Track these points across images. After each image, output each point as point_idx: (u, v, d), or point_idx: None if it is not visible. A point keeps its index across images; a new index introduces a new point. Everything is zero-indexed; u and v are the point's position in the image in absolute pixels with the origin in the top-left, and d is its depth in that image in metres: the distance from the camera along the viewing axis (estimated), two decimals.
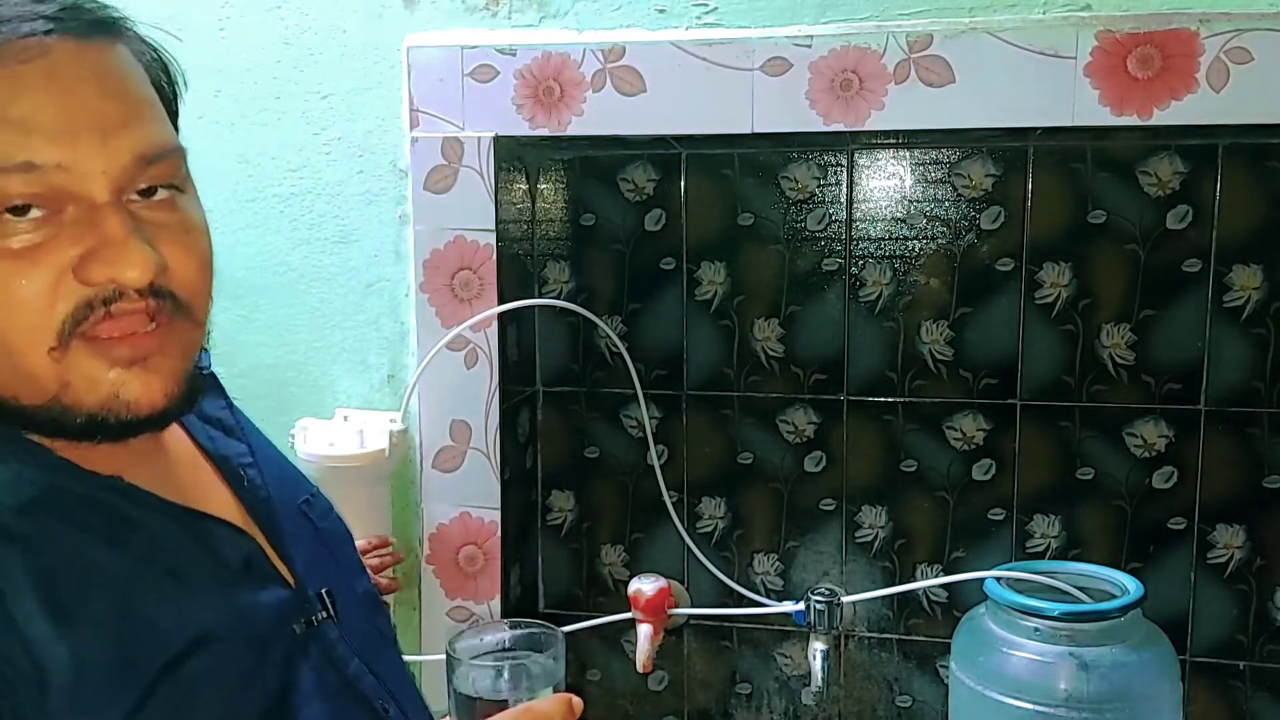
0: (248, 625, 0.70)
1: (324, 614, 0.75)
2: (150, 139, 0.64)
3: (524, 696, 0.71)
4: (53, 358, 0.61)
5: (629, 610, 1.28)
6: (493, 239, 1.26)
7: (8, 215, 0.59)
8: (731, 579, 1.33)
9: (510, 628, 0.74)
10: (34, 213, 0.60)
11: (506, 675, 0.72)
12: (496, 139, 1.24)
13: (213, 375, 0.82)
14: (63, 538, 0.64)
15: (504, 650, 0.74)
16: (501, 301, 1.27)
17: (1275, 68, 1.06)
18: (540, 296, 1.39)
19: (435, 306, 1.28)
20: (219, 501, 0.76)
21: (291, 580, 0.75)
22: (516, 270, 1.34)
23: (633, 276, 1.37)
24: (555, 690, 0.73)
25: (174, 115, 0.71)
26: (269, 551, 0.75)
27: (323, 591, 0.76)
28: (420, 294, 1.29)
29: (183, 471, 0.75)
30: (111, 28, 0.64)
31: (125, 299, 0.62)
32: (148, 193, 0.64)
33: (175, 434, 0.77)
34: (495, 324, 1.27)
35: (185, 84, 0.72)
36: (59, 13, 0.61)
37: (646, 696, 1.44)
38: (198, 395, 0.71)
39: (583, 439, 1.41)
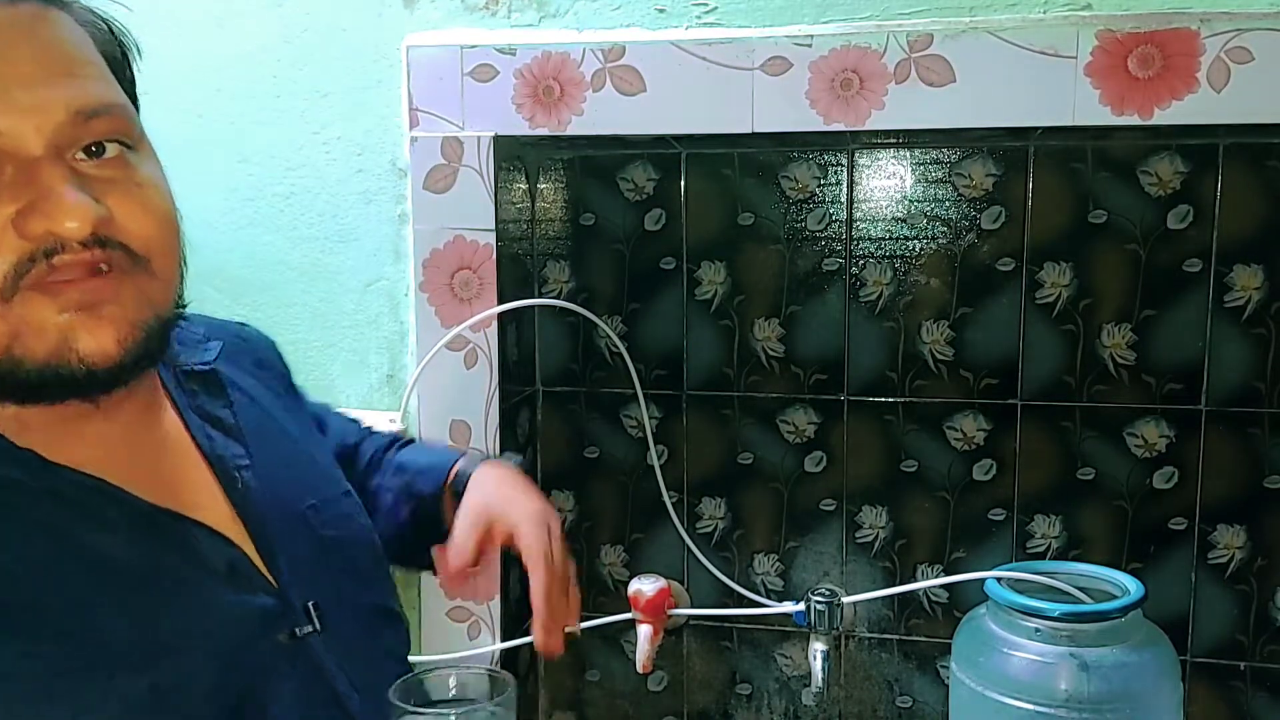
0: (220, 634, 0.68)
1: (309, 627, 0.73)
2: (86, 95, 0.63)
3: None
4: None
5: (629, 610, 1.28)
6: (492, 239, 1.26)
7: None
8: (731, 579, 1.33)
9: (458, 673, 0.70)
10: None
11: None
12: (496, 138, 1.24)
13: (215, 373, 0.81)
14: (8, 537, 0.63)
15: (452, 699, 0.69)
16: (501, 301, 1.27)
17: (1276, 67, 1.06)
18: (540, 296, 1.39)
19: (435, 306, 1.28)
20: (209, 503, 0.74)
21: (277, 589, 0.73)
22: (516, 270, 1.34)
23: (633, 276, 1.37)
24: None
25: (129, 83, 0.71)
26: (255, 559, 0.73)
27: (309, 604, 0.74)
28: (420, 293, 1.28)
29: (174, 469, 0.74)
30: None
31: (68, 251, 0.61)
32: (96, 152, 0.64)
33: (174, 431, 0.76)
34: (495, 324, 1.27)
35: (139, 52, 0.72)
36: None
37: (646, 697, 1.44)
38: (163, 350, 0.70)
39: (583, 439, 1.41)
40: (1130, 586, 1.08)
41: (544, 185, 1.38)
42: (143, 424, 0.73)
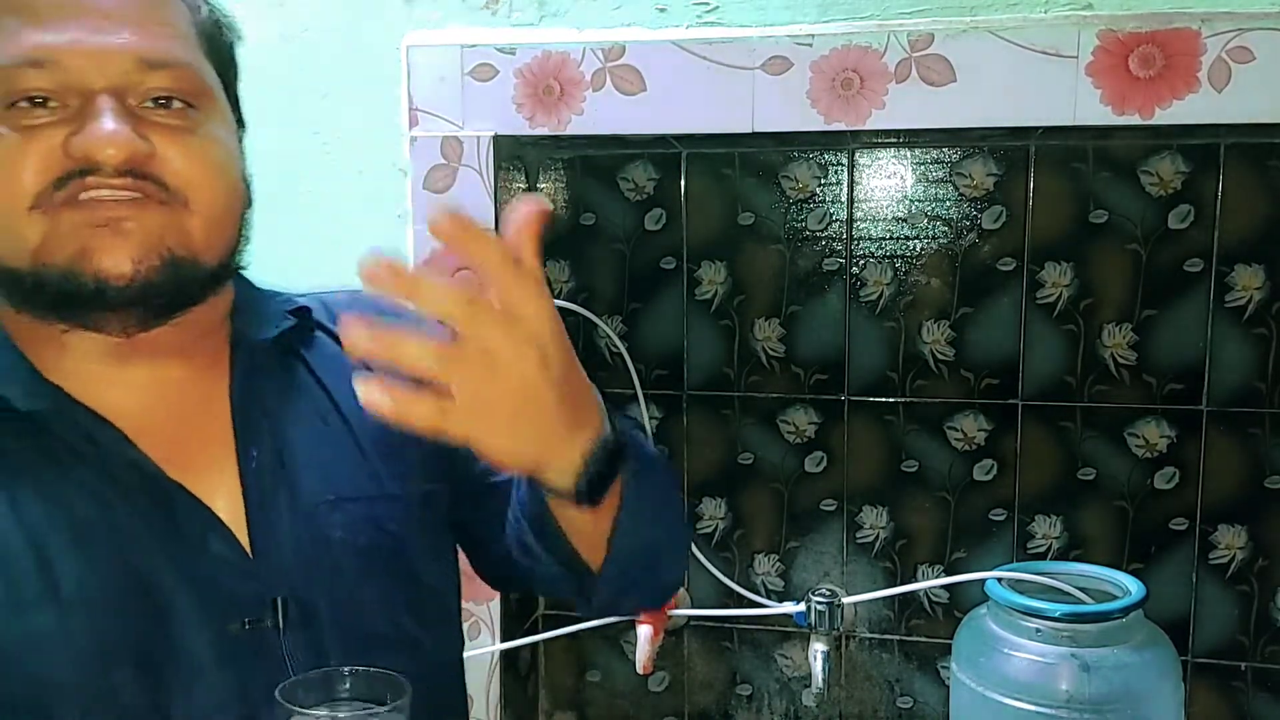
0: (170, 603, 0.69)
1: (267, 622, 0.71)
2: (154, 48, 0.70)
3: None
4: (31, 216, 0.67)
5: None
6: None
7: (25, 104, 0.68)
8: (732, 580, 1.33)
9: (348, 675, 0.67)
10: (51, 103, 0.68)
11: None
12: (496, 138, 1.24)
13: (272, 349, 0.80)
14: (9, 464, 0.68)
15: (343, 699, 0.66)
16: None
17: (1277, 67, 1.06)
18: None
19: None
20: (216, 475, 0.73)
21: (249, 576, 0.72)
22: None
23: (633, 276, 1.37)
24: None
25: (224, 62, 0.77)
26: (241, 540, 0.72)
27: (279, 599, 0.72)
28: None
29: (197, 433, 0.75)
30: None
31: (101, 174, 0.67)
32: (165, 105, 0.71)
33: (216, 398, 0.76)
34: None
35: (239, 36, 0.79)
36: None
37: (646, 697, 1.44)
38: (189, 284, 0.72)
39: None
40: (1131, 587, 1.08)
41: (544, 185, 1.38)
42: (185, 382, 0.75)
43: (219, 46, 0.77)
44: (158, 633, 0.68)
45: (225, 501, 0.73)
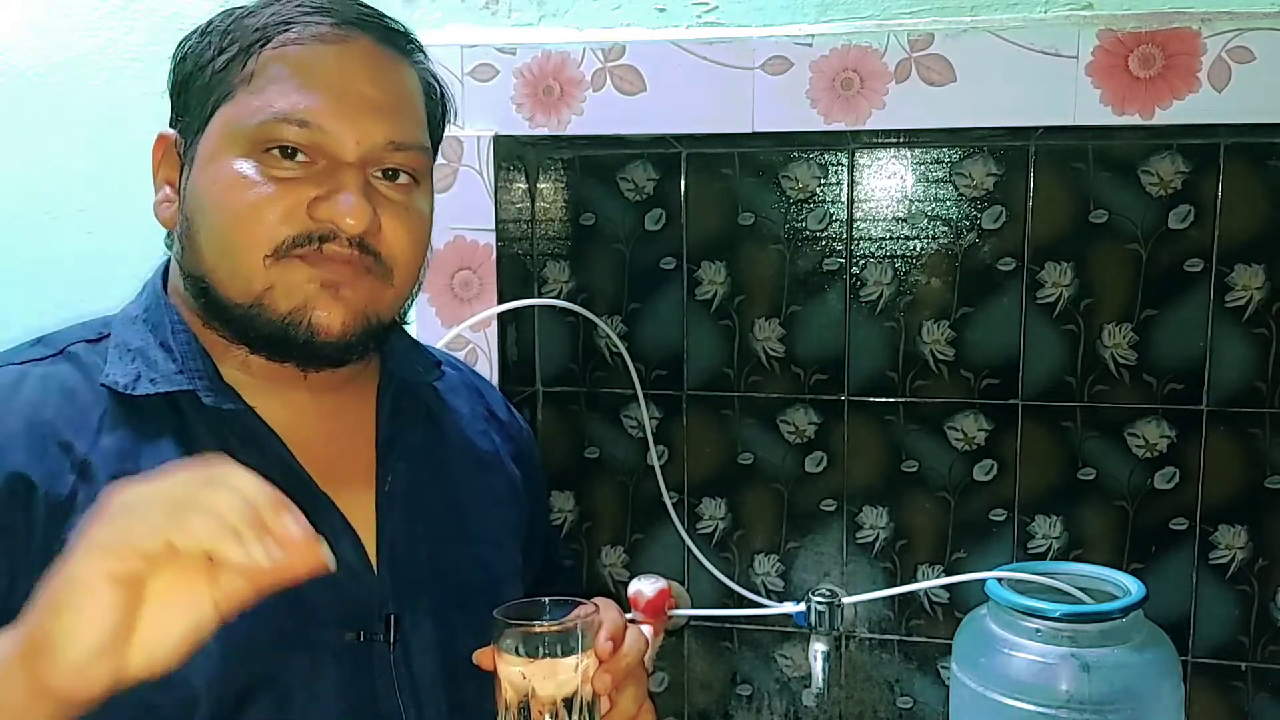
0: (291, 602, 0.71)
1: (379, 636, 0.77)
2: (403, 131, 0.79)
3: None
4: (265, 264, 0.74)
5: (629, 611, 1.28)
6: (492, 238, 1.26)
7: (277, 152, 0.75)
8: (732, 580, 1.33)
9: (548, 603, 0.79)
10: (299, 157, 0.75)
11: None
12: (496, 138, 1.24)
13: (420, 393, 0.88)
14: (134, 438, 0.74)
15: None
16: (501, 301, 1.26)
17: (1277, 67, 1.06)
18: (540, 296, 1.39)
19: (435, 306, 1.28)
20: (355, 492, 0.81)
21: (372, 590, 0.77)
22: (516, 270, 1.33)
23: (633, 276, 1.37)
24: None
25: (436, 136, 0.86)
26: (370, 554, 0.78)
27: (390, 615, 0.77)
28: (420, 294, 1.28)
29: (343, 454, 0.82)
30: (403, 45, 0.82)
31: (337, 242, 0.75)
32: (392, 176, 0.79)
33: (363, 425, 0.84)
34: (495, 324, 1.27)
35: (455, 114, 0.89)
36: (367, 15, 0.80)
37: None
38: (373, 346, 0.82)
39: (583, 439, 1.41)
40: (1131, 587, 1.08)
41: (544, 185, 1.38)
42: (338, 408, 0.83)
43: (438, 128, 0.86)
44: (291, 626, 0.74)
45: (360, 518, 0.80)
